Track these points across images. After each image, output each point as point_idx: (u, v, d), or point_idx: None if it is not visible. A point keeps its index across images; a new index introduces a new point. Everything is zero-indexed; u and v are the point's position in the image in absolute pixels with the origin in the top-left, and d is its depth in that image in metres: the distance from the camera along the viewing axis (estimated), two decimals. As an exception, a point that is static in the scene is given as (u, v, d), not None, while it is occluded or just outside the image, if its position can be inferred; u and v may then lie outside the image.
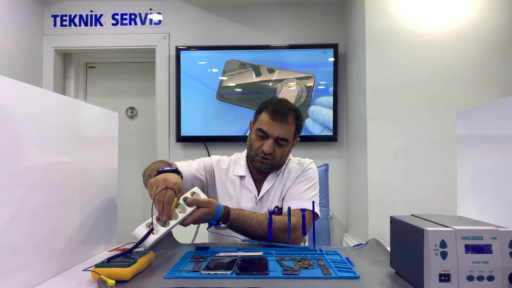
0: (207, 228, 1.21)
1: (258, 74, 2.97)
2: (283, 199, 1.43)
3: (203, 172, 1.48)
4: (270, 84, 2.97)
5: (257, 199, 1.43)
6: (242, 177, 1.46)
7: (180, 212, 1.09)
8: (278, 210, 1.41)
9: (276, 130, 1.34)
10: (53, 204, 0.95)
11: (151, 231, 0.99)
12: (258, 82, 2.96)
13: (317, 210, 1.34)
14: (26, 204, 0.85)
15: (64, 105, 1.05)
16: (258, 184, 1.46)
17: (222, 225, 1.20)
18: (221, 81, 2.98)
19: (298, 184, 1.43)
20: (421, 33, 2.33)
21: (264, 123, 1.35)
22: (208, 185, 1.49)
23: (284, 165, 1.48)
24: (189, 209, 1.12)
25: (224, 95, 2.98)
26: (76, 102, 1.16)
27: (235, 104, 2.98)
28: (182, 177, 1.15)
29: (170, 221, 1.06)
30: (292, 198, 1.39)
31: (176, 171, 1.13)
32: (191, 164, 1.48)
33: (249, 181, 1.45)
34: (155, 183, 1.05)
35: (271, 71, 2.96)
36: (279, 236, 1.22)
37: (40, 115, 0.92)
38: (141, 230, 1.00)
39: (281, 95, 2.95)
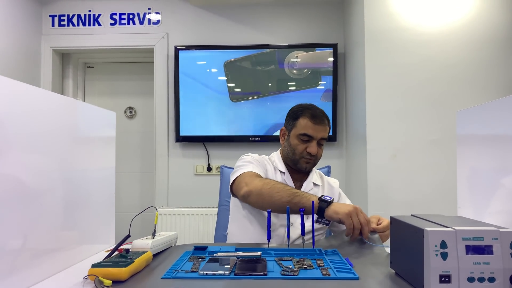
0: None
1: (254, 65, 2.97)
2: None
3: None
4: (269, 85, 2.96)
5: None
6: (282, 173, 1.56)
7: None
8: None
9: (319, 132, 1.48)
10: (49, 204, 0.94)
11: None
12: (256, 84, 2.96)
13: None
14: (22, 203, 0.84)
15: (61, 104, 1.04)
16: (294, 183, 1.55)
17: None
18: (225, 81, 2.98)
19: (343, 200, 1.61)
20: (420, 32, 2.32)
21: (307, 128, 1.47)
22: None
23: (322, 176, 1.63)
24: None
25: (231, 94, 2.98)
26: (73, 101, 1.15)
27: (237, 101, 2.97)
28: None
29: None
30: None
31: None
32: (260, 169, 1.51)
33: (288, 178, 1.54)
34: (354, 211, 1.18)
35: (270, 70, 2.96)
36: None
37: (37, 115, 0.91)
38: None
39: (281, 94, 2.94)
